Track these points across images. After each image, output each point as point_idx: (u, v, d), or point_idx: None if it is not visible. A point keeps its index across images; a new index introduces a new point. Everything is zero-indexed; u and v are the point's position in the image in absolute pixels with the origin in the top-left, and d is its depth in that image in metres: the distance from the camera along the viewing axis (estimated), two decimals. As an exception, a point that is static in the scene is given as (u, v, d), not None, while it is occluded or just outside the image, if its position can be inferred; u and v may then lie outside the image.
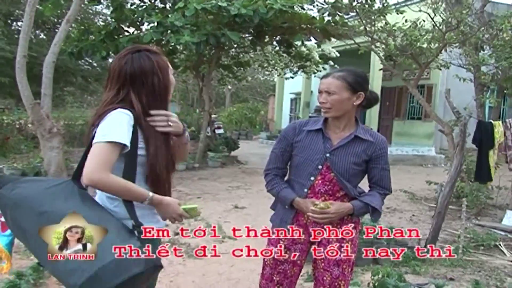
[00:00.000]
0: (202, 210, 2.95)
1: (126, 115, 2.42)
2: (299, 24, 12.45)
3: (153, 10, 13.33)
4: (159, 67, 2.55)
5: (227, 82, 21.49)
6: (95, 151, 2.32)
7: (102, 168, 2.30)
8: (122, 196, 2.41)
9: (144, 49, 2.59)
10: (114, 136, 2.35)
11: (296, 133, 3.25)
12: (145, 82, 2.52)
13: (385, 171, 3.22)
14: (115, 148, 2.35)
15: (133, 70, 2.51)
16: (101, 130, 2.38)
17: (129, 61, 2.53)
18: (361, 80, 3.12)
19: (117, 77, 2.54)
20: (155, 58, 2.56)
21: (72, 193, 2.37)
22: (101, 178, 2.29)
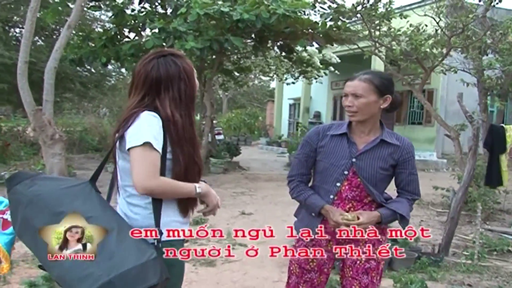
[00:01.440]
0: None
1: (155, 117, 2.37)
2: (302, 29, 12.41)
3: (154, 16, 13.26)
4: (186, 72, 2.50)
5: (228, 87, 21.43)
6: (137, 158, 2.29)
7: (152, 173, 2.28)
8: (176, 195, 2.42)
9: (170, 53, 2.54)
10: (148, 137, 2.30)
11: (320, 137, 3.17)
12: (172, 87, 2.46)
13: (413, 176, 3.14)
14: (154, 150, 2.30)
15: (159, 75, 2.46)
16: (133, 133, 2.33)
17: (155, 66, 2.47)
18: (387, 83, 3.06)
19: (142, 83, 2.48)
20: (181, 62, 2.51)
21: (90, 196, 2.32)
22: (156, 184, 2.29)
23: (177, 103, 2.45)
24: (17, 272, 5.40)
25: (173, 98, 2.44)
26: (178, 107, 2.44)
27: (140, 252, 2.19)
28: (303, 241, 3.21)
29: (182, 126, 2.42)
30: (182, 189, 2.40)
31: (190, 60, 2.61)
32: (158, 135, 2.34)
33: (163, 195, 2.36)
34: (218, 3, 11.56)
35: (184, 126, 2.43)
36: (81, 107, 31.67)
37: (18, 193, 2.33)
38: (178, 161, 2.41)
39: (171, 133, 2.39)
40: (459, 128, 9.04)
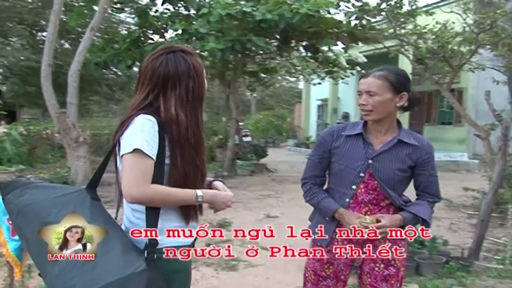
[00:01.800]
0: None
1: (149, 121, 2.20)
2: (326, 28, 12.22)
3: (177, 17, 13.20)
4: (195, 70, 2.33)
5: (255, 89, 21.30)
6: (127, 165, 2.15)
7: (141, 181, 2.13)
8: (171, 204, 2.26)
9: (179, 49, 2.37)
10: (138, 143, 2.14)
11: (334, 138, 2.99)
12: (179, 85, 2.29)
13: (433, 177, 2.96)
14: (146, 157, 2.15)
15: (167, 72, 2.29)
16: (125, 139, 2.19)
17: (164, 62, 2.31)
18: (403, 79, 2.86)
19: (148, 80, 2.31)
20: (191, 59, 2.34)
21: (82, 204, 2.21)
22: (142, 193, 2.14)
23: (183, 102, 2.28)
24: (35, 276, 5.32)
25: (180, 97, 2.28)
26: (183, 106, 2.28)
27: (126, 264, 2.06)
28: (318, 246, 3.04)
29: (186, 127, 2.25)
30: (177, 197, 2.24)
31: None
32: (152, 140, 2.18)
33: (152, 203, 2.21)
34: (241, 3, 11.45)
35: (188, 126, 2.26)
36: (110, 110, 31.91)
37: (9, 203, 2.26)
38: (176, 165, 2.24)
39: (173, 134, 2.23)
40: (489, 127, 8.75)
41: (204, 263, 5.91)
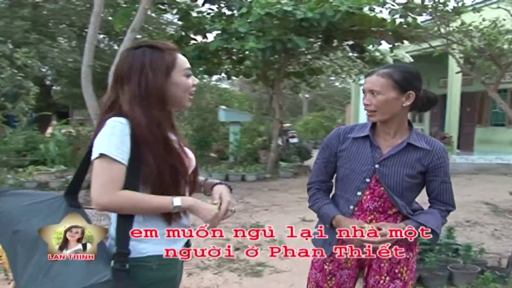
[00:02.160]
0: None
1: (120, 123, 2.06)
2: (369, 27, 11.90)
3: (220, 17, 13.13)
4: (151, 65, 2.15)
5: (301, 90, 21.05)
6: (95, 171, 2.04)
7: (108, 188, 2.01)
8: (145, 212, 2.10)
9: (148, 44, 2.22)
10: (104, 148, 2.02)
11: (341, 141, 2.79)
12: (132, 82, 2.14)
13: (445, 184, 2.72)
14: (114, 162, 2.02)
15: (122, 68, 2.18)
16: (95, 145, 2.07)
17: (123, 58, 2.20)
18: (409, 77, 2.62)
19: (112, 77, 2.21)
20: (152, 55, 2.17)
21: (56, 211, 2.12)
22: (109, 200, 2.02)
23: (136, 99, 2.12)
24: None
25: (133, 93, 2.13)
26: (137, 103, 2.12)
27: (87, 274, 1.95)
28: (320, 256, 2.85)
29: (146, 125, 2.09)
30: (150, 205, 2.09)
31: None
32: (122, 144, 2.04)
33: (123, 211, 2.07)
34: (282, 2, 11.26)
35: (147, 124, 2.10)
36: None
37: None
38: (148, 164, 2.08)
39: (136, 132, 2.08)
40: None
41: (228, 268, 5.75)
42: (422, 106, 2.75)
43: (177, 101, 2.24)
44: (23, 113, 7.21)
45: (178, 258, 2.21)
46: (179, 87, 2.21)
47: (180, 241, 2.23)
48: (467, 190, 12.20)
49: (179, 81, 2.21)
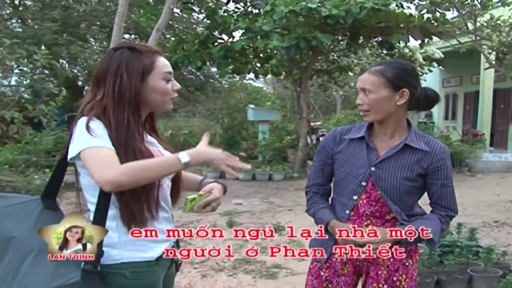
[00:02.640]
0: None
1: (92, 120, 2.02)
2: (396, 23, 11.67)
3: (246, 16, 13.05)
4: (127, 68, 2.08)
5: (330, 88, 20.80)
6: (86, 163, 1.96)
7: (106, 165, 1.92)
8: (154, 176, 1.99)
9: (127, 46, 2.16)
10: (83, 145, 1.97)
11: (337, 142, 2.67)
12: (106, 84, 2.09)
13: (446, 188, 2.57)
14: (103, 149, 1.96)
15: (98, 70, 2.14)
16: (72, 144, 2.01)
17: (102, 60, 2.16)
18: (403, 74, 2.50)
19: (92, 78, 2.18)
20: (130, 57, 2.11)
21: (30, 214, 2.09)
22: (114, 174, 1.90)
23: (111, 101, 2.07)
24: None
25: (107, 95, 2.08)
26: (112, 105, 2.07)
27: (55, 276, 1.91)
28: (317, 262, 2.74)
29: (116, 128, 2.03)
30: (159, 166, 2.00)
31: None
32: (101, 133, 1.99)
33: (131, 181, 1.94)
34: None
35: (117, 128, 2.04)
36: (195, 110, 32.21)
37: None
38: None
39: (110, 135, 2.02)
40: None
41: (243, 270, 5.67)
42: (421, 104, 2.62)
43: (156, 106, 2.18)
44: (43, 114, 7.23)
45: (157, 265, 2.12)
46: (156, 91, 2.13)
47: (158, 247, 2.14)
48: (498, 189, 11.91)
49: (156, 85, 2.13)
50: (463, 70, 20.57)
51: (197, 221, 8.15)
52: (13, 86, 12.13)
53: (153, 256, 2.10)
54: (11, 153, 11.99)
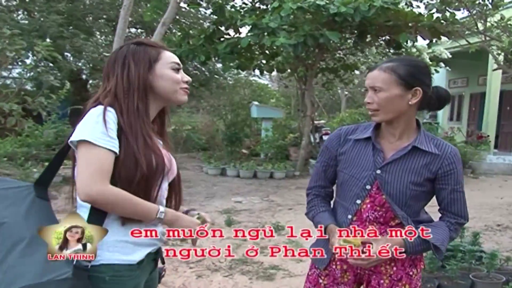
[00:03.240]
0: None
1: (107, 111, 2.00)
2: (405, 22, 11.54)
3: (254, 12, 12.93)
4: (134, 58, 2.12)
5: (334, 86, 20.66)
6: (82, 159, 1.94)
7: (98, 178, 1.90)
8: (127, 213, 1.98)
9: (134, 42, 2.20)
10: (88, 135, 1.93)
11: (341, 142, 2.55)
12: (115, 75, 2.11)
13: (457, 193, 2.44)
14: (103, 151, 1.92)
15: (107, 65, 2.17)
16: (77, 130, 1.97)
17: (110, 56, 2.21)
18: (416, 71, 2.37)
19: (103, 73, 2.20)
20: (136, 49, 2.14)
21: (22, 200, 2.03)
22: (97, 192, 1.89)
23: (120, 90, 2.08)
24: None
25: (116, 85, 2.09)
26: (121, 94, 2.08)
27: (46, 270, 1.84)
28: (315, 269, 2.63)
29: (127, 115, 2.04)
30: (136, 207, 1.97)
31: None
32: (110, 131, 1.96)
33: (107, 207, 1.94)
34: (315, -4, 11.02)
35: (129, 115, 2.05)
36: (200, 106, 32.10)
37: None
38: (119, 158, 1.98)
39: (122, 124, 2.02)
40: None
41: (240, 271, 5.58)
42: (432, 104, 2.49)
43: (167, 95, 2.18)
44: (42, 107, 7.15)
45: (138, 269, 2.06)
46: (164, 78, 2.15)
47: (141, 250, 2.07)
48: (501, 192, 11.80)
49: (164, 73, 2.15)
50: (470, 71, 20.44)
51: (197, 218, 8.07)
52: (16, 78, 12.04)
53: (135, 260, 2.04)
54: (11, 146, 11.95)
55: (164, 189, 2.17)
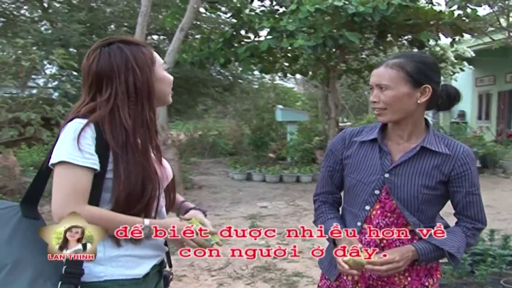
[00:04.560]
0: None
1: (82, 124, 1.87)
2: (426, 20, 11.31)
3: (272, 15, 12.84)
4: (136, 61, 1.97)
5: (359, 87, 20.46)
6: (57, 180, 1.84)
7: (72, 200, 1.82)
8: (108, 232, 1.86)
9: (118, 40, 2.02)
10: (64, 155, 1.82)
11: (346, 145, 2.42)
12: (117, 81, 1.95)
13: (472, 196, 2.29)
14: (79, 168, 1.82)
15: (99, 67, 1.96)
16: (55, 149, 1.87)
17: (96, 57, 1.98)
18: (424, 68, 2.23)
19: (85, 79, 2.01)
20: (131, 50, 1.99)
21: (7, 222, 1.92)
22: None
23: (124, 100, 1.95)
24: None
25: (119, 94, 1.95)
26: (126, 104, 1.95)
27: None
28: (326, 280, 2.51)
29: (132, 128, 1.93)
30: (118, 224, 1.87)
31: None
32: (88, 147, 1.85)
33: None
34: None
35: (133, 128, 1.93)
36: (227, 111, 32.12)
37: None
38: (119, 175, 1.88)
39: (114, 138, 1.89)
40: None
41: (262, 279, 5.46)
42: (441, 103, 2.35)
43: (163, 98, 2.12)
44: (60, 116, 7.15)
45: (143, 283, 1.97)
46: (163, 82, 2.08)
47: (146, 263, 2.00)
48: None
49: (162, 76, 2.08)
50: (497, 68, 20.08)
51: (219, 225, 7.99)
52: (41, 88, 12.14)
53: (140, 274, 1.96)
54: (38, 155, 12.02)
55: (161, 199, 2.09)
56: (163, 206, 2.14)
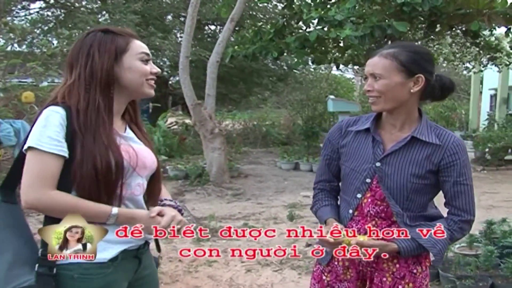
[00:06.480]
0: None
1: (56, 112, 1.95)
2: (477, 9, 11.04)
3: (323, 5, 12.78)
4: (99, 48, 2.03)
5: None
6: (25, 166, 1.92)
7: (37, 185, 1.88)
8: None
9: (101, 29, 2.12)
10: (34, 140, 1.91)
11: (342, 134, 2.51)
12: (78, 66, 2.04)
13: (461, 186, 2.33)
14: (46, 154, 1.89)
15: (70, 54, 2.09)
16: (29, 136, 1.96)
17: (74, 44, 2.11)
18: (418, 58, 2.29)
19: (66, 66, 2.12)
20: (103, 38, 2.06)
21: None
22: (36, 199, 1.88)
23: (82, 84, 2.02)
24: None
25: (78, 78, 2.03)
26: (81, 88, 2.02)
27: (7, 280, 1.83)
28: (319, 265, 2.59)
29: (85, 113, 1.98)
30: (85, 212, 1.92)
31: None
32: (57, 134, 1.92)
33: (52, 213, 1.94)
34: (381, -14, 10.76)
35: (85, 110, 1.99)
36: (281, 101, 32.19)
37: None
38: (75, 156, 1.95)
39: (74, 123, 1.96)
40: None
41: (290, 266, 5.56)
42: (435, 93, 2.41)
43: (134, 88, 2.12)
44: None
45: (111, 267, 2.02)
46: (132, 71, 2.09)
47: (112, 248, 2.04)
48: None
49: (132, 65, 2.09)
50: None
51: (260, 213, 8.10)
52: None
53: (106, 258, 2.00)
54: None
55: (135, 186, 2.12)
56: (139, 195, 2.15)
